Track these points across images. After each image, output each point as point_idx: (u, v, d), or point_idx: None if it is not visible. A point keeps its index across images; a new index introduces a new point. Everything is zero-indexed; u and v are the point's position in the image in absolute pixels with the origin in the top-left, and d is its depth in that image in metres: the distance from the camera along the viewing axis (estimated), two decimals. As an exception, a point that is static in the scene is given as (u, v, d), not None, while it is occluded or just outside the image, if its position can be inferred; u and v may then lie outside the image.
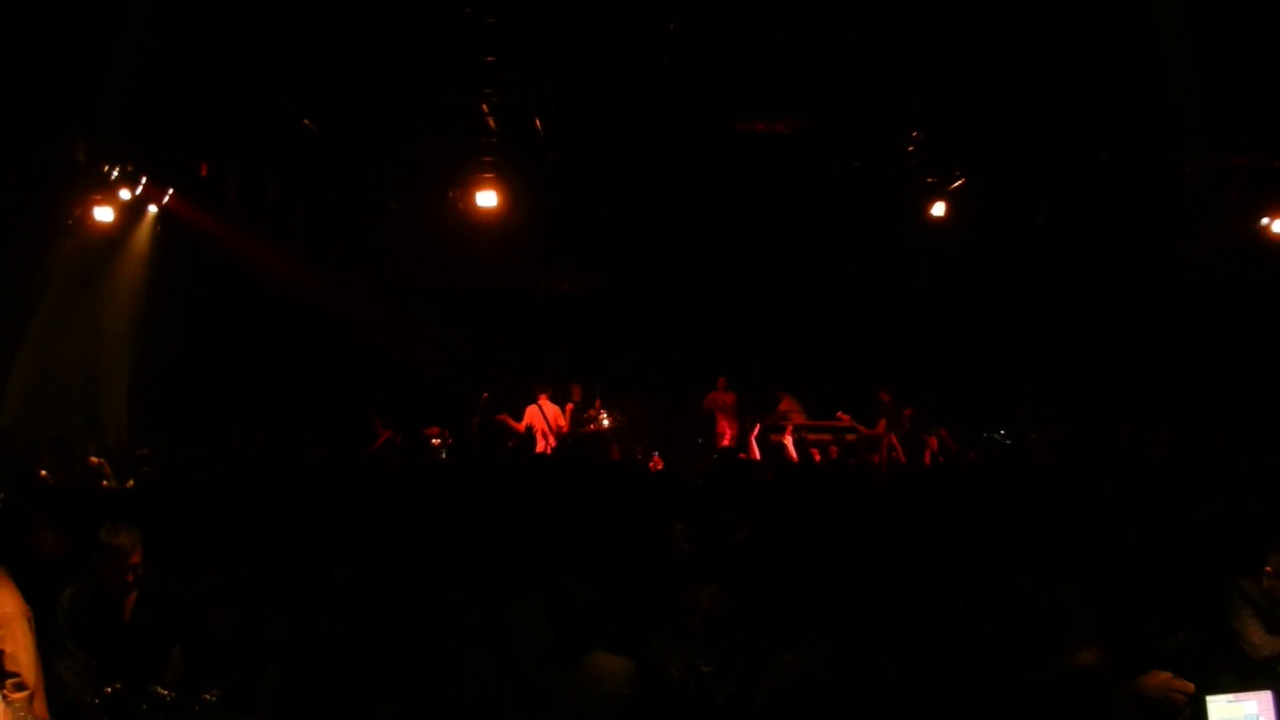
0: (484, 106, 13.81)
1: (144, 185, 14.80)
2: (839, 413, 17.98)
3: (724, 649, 5.67)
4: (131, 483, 11.23)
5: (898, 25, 10.70)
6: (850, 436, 17.60)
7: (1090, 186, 16.80)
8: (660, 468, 15.03)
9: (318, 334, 18.72)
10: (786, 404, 18.48)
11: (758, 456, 16.01)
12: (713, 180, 15.99)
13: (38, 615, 6.02)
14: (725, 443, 17.78)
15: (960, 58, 11.77)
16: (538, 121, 14.02)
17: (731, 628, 5.72)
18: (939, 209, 17.09)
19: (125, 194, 14.55)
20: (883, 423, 17.69)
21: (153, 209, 15.95)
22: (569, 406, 17.95)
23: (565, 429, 17.32)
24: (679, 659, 5.65)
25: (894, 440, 15.32)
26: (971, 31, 11.00)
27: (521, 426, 17.03)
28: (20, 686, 5.71)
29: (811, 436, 17.57)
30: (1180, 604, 6.55)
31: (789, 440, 16.84)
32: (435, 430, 17.17)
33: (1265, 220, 16.37)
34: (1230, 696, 5.22)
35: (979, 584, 6.58)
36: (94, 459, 12.32)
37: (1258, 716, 5.21)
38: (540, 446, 16.40)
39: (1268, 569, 6.17)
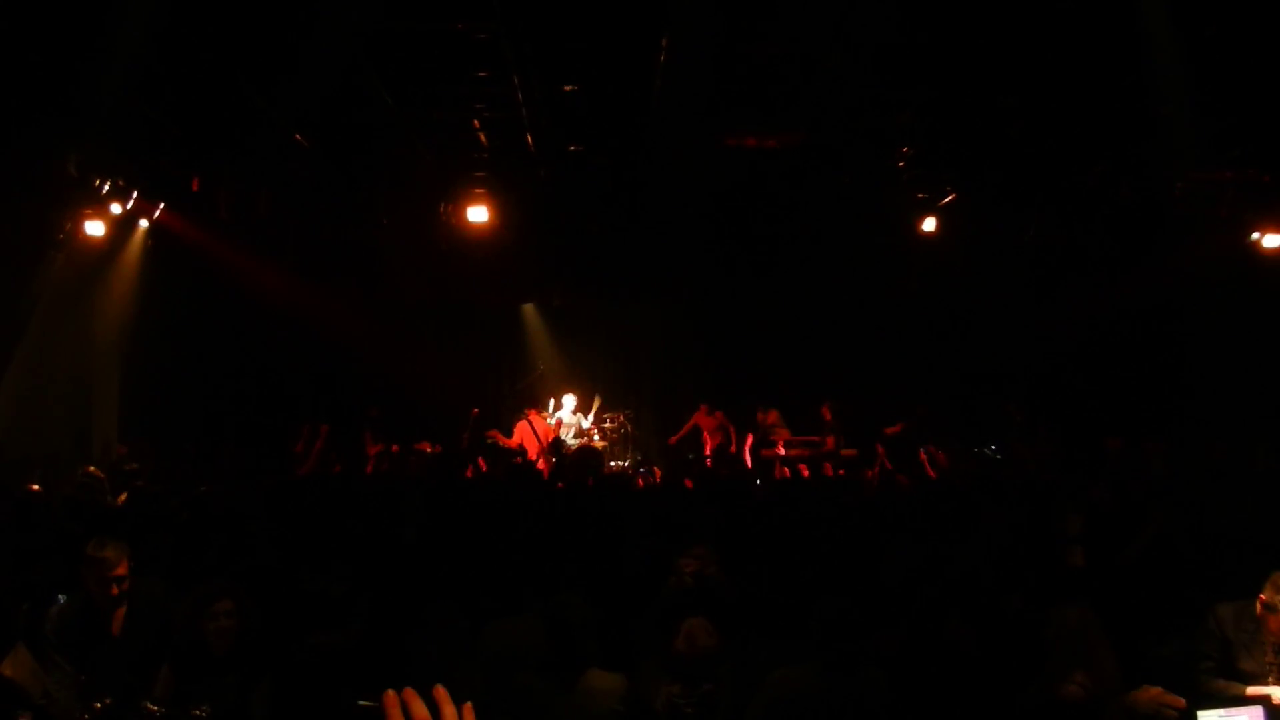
0: (475, 122, 13.81)
1: (135, 200, 14.77)
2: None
3: (709, 689, 5.63)
4: (124, 497, 11.17)
5: (888, 40, 10.71)
6: (792, 450, 17.64)
7: (1081, 201, 16.83)
8: (651, 482, 14.98)
9: (309, 349, 18.73)
10: (773, 418, 18.49)
11: (750, 467, 16.05)
12: (704, 195, 16.01)
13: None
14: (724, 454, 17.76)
15: (951, 72, 11.79)
16: (529, 137, 14.03)
17: (719, 661, 5.69)
18: (930, 224, 17.12)
19: (116, 208, 14.52)
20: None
21: (144, 223, 15.93)
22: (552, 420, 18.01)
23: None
24: (663, 694, 5.63)
25: (884, 456, 15.28)
26: (962, 46, 11.02)
27: (512, 443, 17.03)
28: None
29: (802, 452, 17.58)
30: (1174, 617, 6.56)
31: (780, 454, 16.86)
32: (426, 446, 17.15)
33: (1255, 235, 16.42)
34: (1222, 712, 5.21)
35: (972, 601, 6.58)
36: (92, 468, 12.30)
37: (1249, 731, 5.21)
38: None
39: (1262, 596, 6.06)
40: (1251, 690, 5.93)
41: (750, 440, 17.55)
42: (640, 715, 5.58)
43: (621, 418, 19.42)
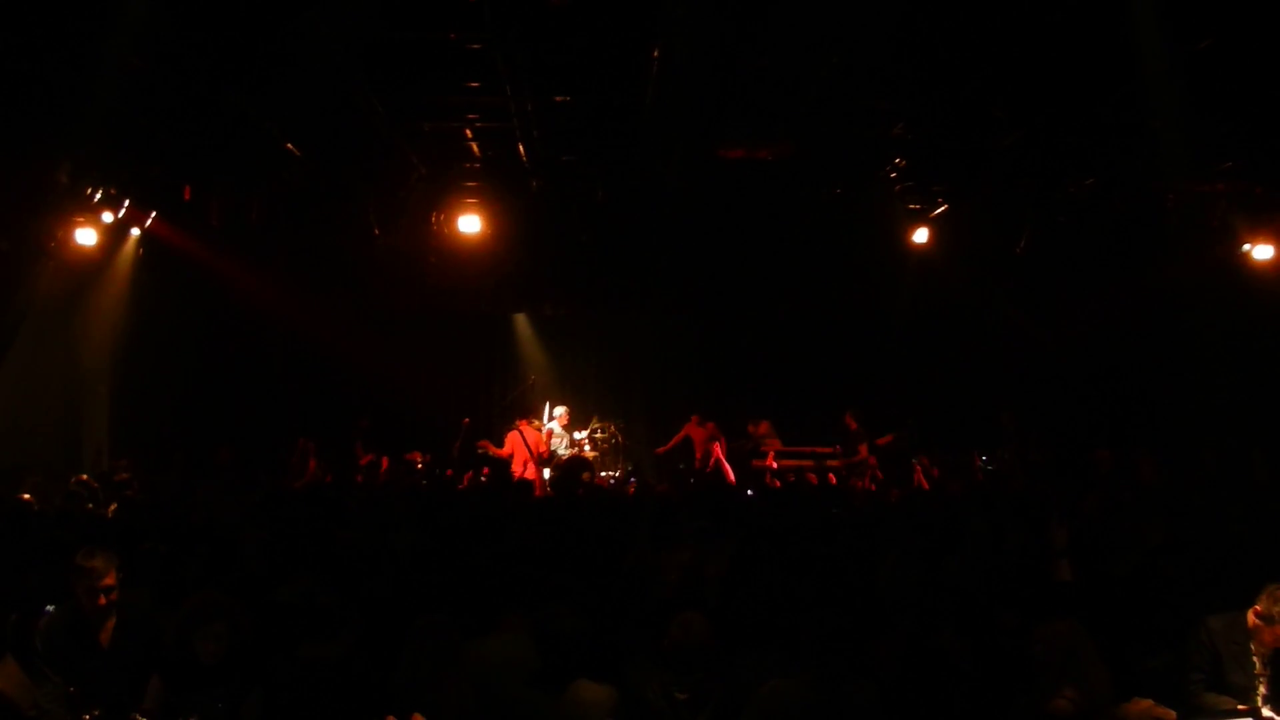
0: (468, 131, 13.82)
1: (127, 208, 14.74)
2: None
3: (701, 677, 5.64)
4: (114, 507, 11.14)
5: (881, 52, 10.72)
6: (832, 462, 17.58)
7: (1073, 212, 16.84)
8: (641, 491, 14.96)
9: (300, 358, 18.72)
10: (764, 429, 18.45)
11: (731, 478, 16.00)
12: (695, 206, 16.00)
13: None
14: (706, 466, 17.69)
15: (943, 84, 11.80)
16: (521, 147, 14.03)
17: (710, 655, 5.70)
18: (922, 235, 17.11)
19: (108, 217, 14.49)
20: (863, 448, 17.67)
21: (135, 232, 15.90)
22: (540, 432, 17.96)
23: (546, 454, 17.27)
24: (656, 685, 5.63)
25: (875, 467, 15.29)
26: (955, 58, 11.04)
27: (503, 453, 16.99)
28: None
29: (793, 463, 17.55)
30: (1164, 630, 6.55)
31: (771, 465, 16.84)
32: (418, 455, 17.12)
33: (1246, 246, 16.44)
34: (1212, 724, 5.23)
35: (965, 614, 6.56)
36: (85, 477, 12.28)
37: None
38: (520, 473, 16.34)
39: (1257, 608, 6.04)
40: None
41: (719, 449, 17.45)
42: (633, 714, 5.58)
43: (613, 428, 19.39)
